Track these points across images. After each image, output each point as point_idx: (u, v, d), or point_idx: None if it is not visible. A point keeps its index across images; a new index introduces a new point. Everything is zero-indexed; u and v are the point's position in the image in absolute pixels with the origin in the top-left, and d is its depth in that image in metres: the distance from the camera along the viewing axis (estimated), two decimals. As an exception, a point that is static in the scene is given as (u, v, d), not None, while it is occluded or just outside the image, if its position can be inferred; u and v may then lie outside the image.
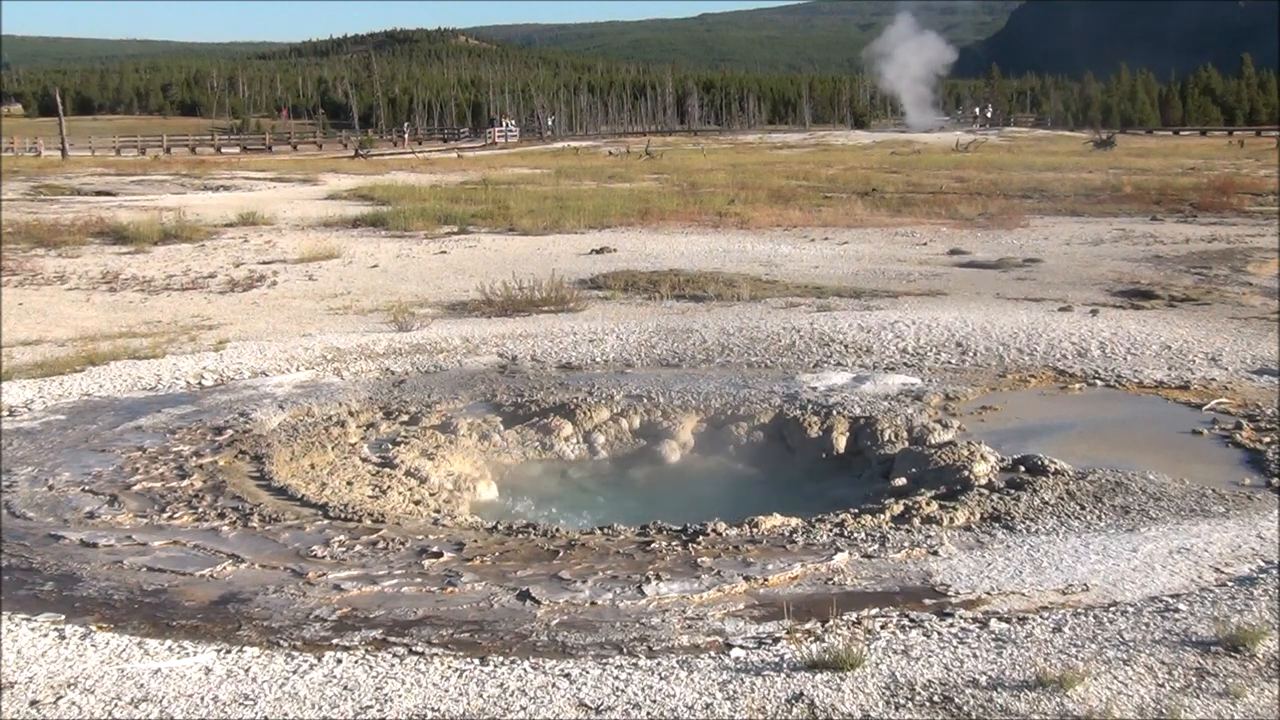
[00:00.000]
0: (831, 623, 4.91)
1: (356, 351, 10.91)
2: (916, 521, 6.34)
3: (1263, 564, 5.56)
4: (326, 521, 6.51)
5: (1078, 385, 9.44)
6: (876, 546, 5.94)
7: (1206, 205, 23.43)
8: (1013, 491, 6.80)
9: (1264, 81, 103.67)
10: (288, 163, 46.43)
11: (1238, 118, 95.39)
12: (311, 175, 36.59)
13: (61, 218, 22.47)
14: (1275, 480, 6.93)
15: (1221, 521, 6.22)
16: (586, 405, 9.03)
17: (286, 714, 4.19)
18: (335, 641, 4.87)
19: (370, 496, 7.25)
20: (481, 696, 4.29)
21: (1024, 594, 5.26)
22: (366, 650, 4.76)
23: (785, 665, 4.48)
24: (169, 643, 4.85)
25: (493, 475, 8.23)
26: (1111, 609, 5.01)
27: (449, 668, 4.54)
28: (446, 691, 4.34)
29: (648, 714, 4.14)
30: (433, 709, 4.20)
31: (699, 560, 5.78)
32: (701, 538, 6.11)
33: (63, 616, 5.18)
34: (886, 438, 8.22)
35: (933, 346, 10.62)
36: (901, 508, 6.59)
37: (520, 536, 6.24)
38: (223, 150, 64.71)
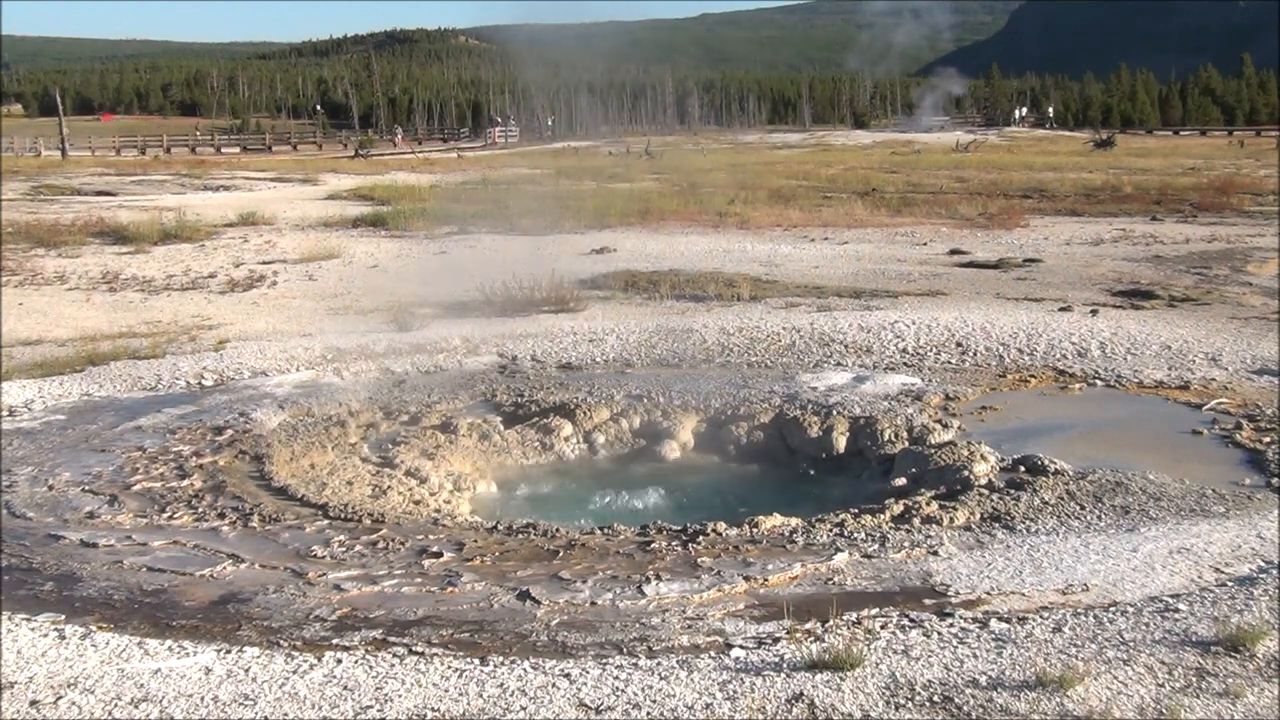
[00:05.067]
0: (831, 623, 4.91)
1: (356, 351, 10.91)
2: (916, 521, 6.34)
3: (1263, 564, 5.56)
4: (326, 521, 6.51)
5: (1078, 385, 9.45)
6: (876, 546, 5.94)
7: (1206, 205, 23.40)
8: (1013, 491, 6.80)
9: (1264, 81, 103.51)
10: (287, 163, 46.40)
11: (1238, 118, 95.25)
12: (311, 175, 36.58)
13: (61, 218, 22.46)
14: (1275, 480, 6.93)
15: (1221, 521, 6.22)
16: (586, 405, 9.03)
17: (286, 714, 4.19)
18: (335, 641, 4.87)
19: (370, 496, 7.25)
20: (481, 696, 4.29)
21: (1024, 594, 5.26)
22: (366, 650, 4.76)
23: (785, 665, 4.48)
24: (169, 643, 4.86)
25: (493, 475, 8.23)
26: (1111, 609, 5.01)
27: (449, 668, 4.55)
28: (446, 691, 4.34)
29: (648, 714, 4.14)
30: (433, 709, 4.20)
31: (699, 560, 5.78)
32: (701, 538, 6.11)
33: (63, 616, 5.19)
34: (886, 438, 8.22)
35: (933, 346, 10.62)
36: (901, 508, 6.59)
37: (520, 536, 6.24)
38: (222, 150, 64.67)
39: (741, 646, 4.72)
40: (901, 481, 7.40)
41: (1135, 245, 18.27)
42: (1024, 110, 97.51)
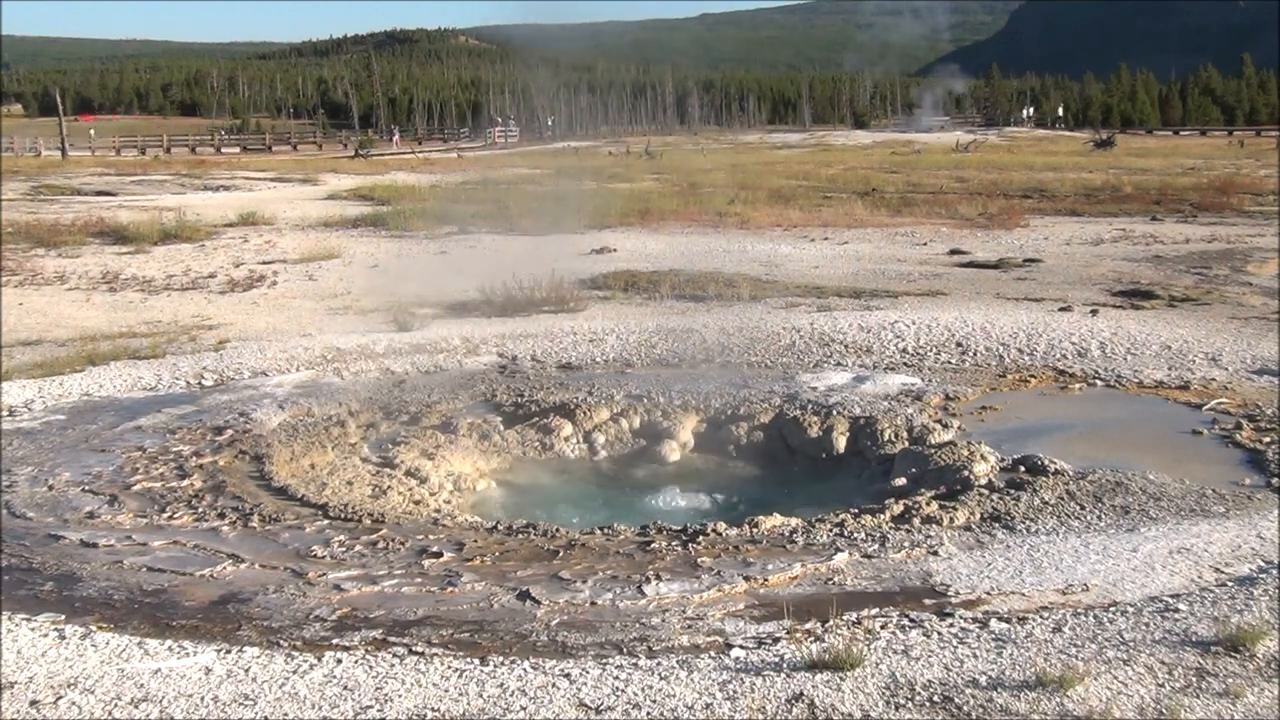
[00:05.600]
0: (831, 623, 4.91)
1: (356, 351, 10.91)
2: (916, 521, 6.34)
3: (1263, 564, 5.56)
4: (326, 521, 6.51)
5: (1078, 385, 9.44)
6: (876, 546, 5.94)
7: (1206, 205, 23.41)
8: (1013, 491, 6.80)
9: (1264, 81, 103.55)
10: (288, 163, 46.41)
11: (1238, 118, 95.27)
12: (311, 175, 36.58)
13: (61, 218, 22.46)
14: (1275, 480, 6.93)
15: (1221, 521, 6.22)
16: (586, 405, 9.03)
17: (286, 714, 4.19)
18: (335, 641, 4.87)
19: (370, 496, 7.25)
20: (481, 696, 4.29)
21: (1024, 594, 5.26)
22: (366, 650, 4.76)
23: (785, 665, 4.48)
24: (169, 643, 4.85)
25: (493, 475, 8.23)
26: (1111, 609, 5.01)
27: (449, 668, 4.54)
28: (446, 691, 4.34)
29: (648, 714, 4.14)
30: (433, 709, 4.20)
31: (699, 560, 5.78)
32: (701, 538, 6.11)
33: (63, 616, 5.19)
34: (886, 438, 8.22)
35: (933, 346, 10.62)
36: (901, 508, 6.59)
37: (520, 536, 6.24)
38: (223, 150, 64.66)
39: (741, 646, 4.72)
40: (901, 481, 7.39)
41: (1135, 245, 18.28)
42: (1032, 110, 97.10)
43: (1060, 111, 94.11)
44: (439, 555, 5.92)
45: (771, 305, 13.06)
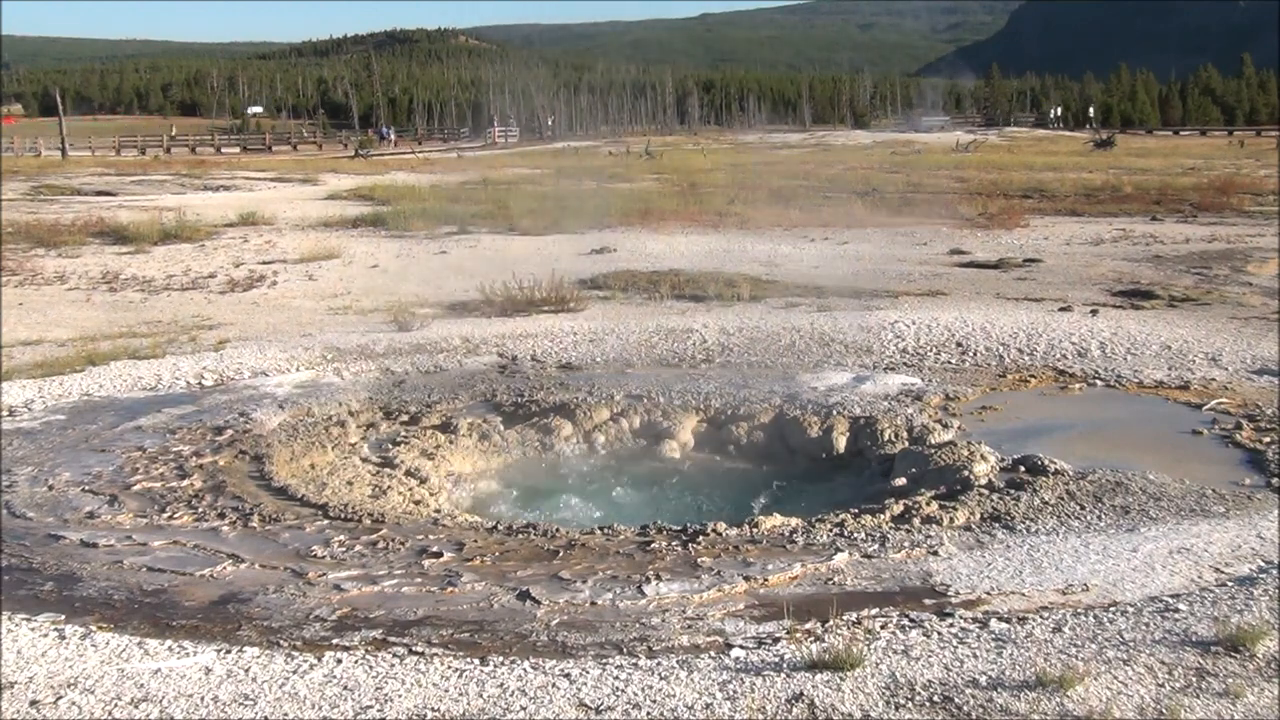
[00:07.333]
0: (831, 623, 4.91)
1: (356, 351, 10.91)
2: (916, 521, 6.34)
3: (1263, 564, 5.56)
4: (326, 521, 6.51)
5: (1078, 385, 9.44)
6: (876, 546, 5.94)
7: (1206, 205, 23.40)
8: (1013, 491, 6.80)
9: (1264, 81, 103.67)
10: (287, 163, 46.41)
11: (1238, 118, 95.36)
12: (311, 175, 36.58)
13: (61, 218, 22.46)
14: (1275, 480, 6.93)
15: (1221, 521, 6.21)
16: (586, 405, 9.03)
17: (286, 714, 4.19)
18: (335, 641, 4.87)
19: (370, 496, 7.24)
20: (481, 696, 4.29)
21: (1024, 594, 5.26)
22: (366, 650, 4.76)
23: (785, 665, 4.48)
24: (169, 643, 4.85)
25: (493, 475, 8.22)
26: (1111, 609, 5.01)
27: (449, 668, 4.54)
28: (446, 691, 4.34)
29: (648, 714, 4.14)
30: (433, 709, 4.20)
31: (699, 560, 5.78)
32: (701, 538, 6.11)
33: (63, 616, 5.18)
34: (886, 438, 8.22)
35: (933, 346, 10.62)
36: (901, 508, 6.59)
37: (520, 536, 6.24)
38: (223, 150, 64.68)
39: (741, 646, 4.72)
40: (901, 481, 7.39)
41: (1135, 245, 18.27)
42: (1058, 110, 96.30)
43: (1091, 112, 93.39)
44: (439, 555, 5.92)
45: (771, 305, 13.06)
